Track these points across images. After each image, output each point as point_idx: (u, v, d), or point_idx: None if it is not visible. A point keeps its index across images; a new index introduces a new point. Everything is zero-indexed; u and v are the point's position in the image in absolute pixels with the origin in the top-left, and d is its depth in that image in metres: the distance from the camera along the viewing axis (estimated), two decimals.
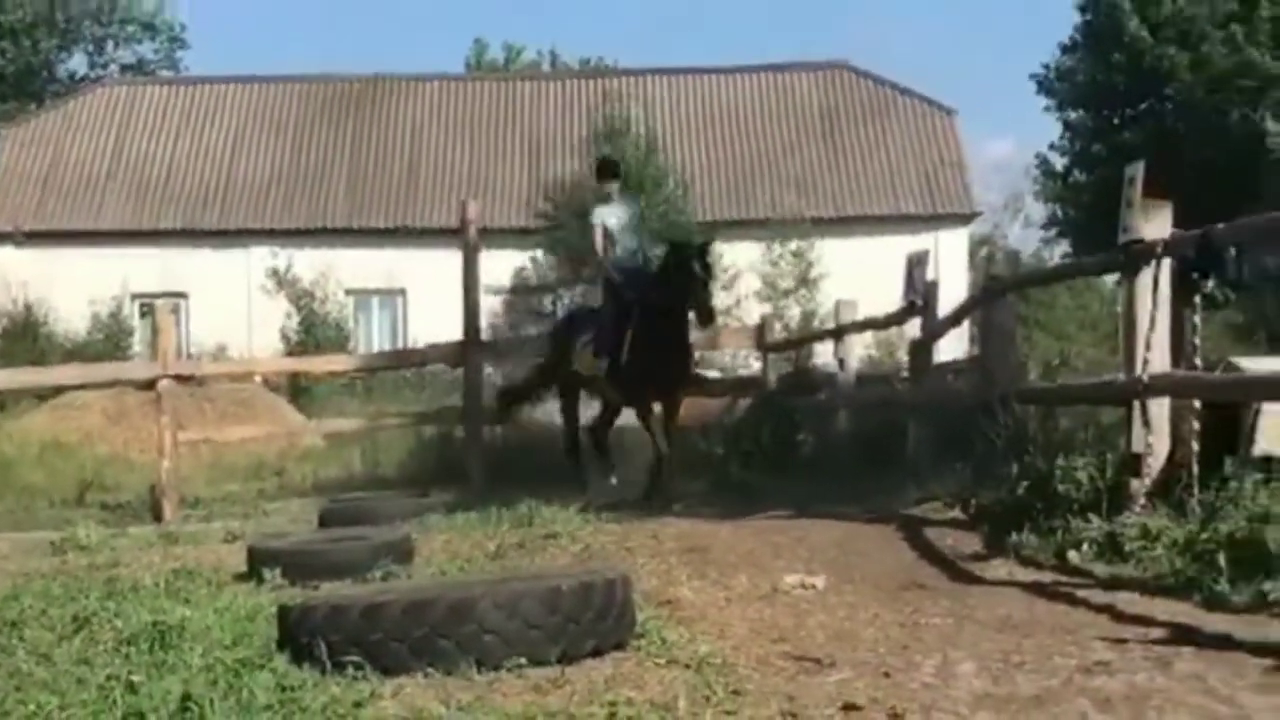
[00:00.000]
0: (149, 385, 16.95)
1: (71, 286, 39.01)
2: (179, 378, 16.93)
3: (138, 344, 39.50)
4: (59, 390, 23.75)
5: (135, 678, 5.55)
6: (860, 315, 17.52)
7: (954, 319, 15.74)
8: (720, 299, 35.76)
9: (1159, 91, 43.44)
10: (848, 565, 8.38)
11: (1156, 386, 9.38)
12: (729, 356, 24.48)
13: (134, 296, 40.81)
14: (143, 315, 40.10)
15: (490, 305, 19.17)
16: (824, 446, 16.14)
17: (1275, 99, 40.82)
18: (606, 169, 16.16)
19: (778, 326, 27.63)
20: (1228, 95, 41.63)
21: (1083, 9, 46.91)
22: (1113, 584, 7.91)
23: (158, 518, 15.24)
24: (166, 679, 5.48)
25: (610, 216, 15.22)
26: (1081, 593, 7.68)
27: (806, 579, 8.15)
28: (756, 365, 22.12)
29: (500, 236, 34.37)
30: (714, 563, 9.02)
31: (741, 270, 37.01)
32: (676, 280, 14.24)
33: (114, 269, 39.92)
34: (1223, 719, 4.98)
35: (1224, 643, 6.08)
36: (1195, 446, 9.05)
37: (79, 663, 5.99)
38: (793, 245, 39.53)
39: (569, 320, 16.99)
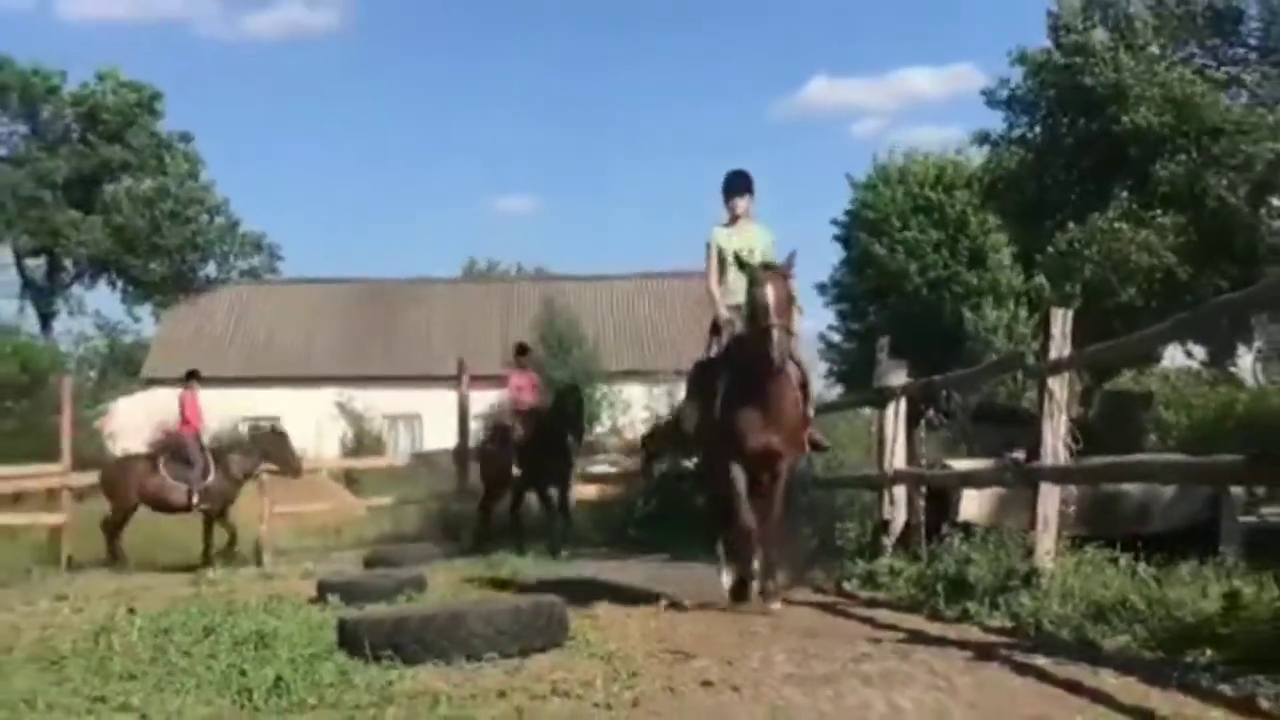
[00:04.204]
0: (255, 477, 16.74)
1: (205, 414, 38.60)
2: (274, 472, 16.74)
3: None
4: None
5: (245, 666, 5.57)
6: None
7: None
8: (620, 421, 35.88)
9: (899, 290, 44.07)
10: (705, 592, 8.35)
11: (897, 478, 9.52)
12: (625, 456, 24.35)
13: (244, 419, 40.50)
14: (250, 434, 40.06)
15: (474, 427, 19.18)
16: (688, 515, 16.09)
17: (972, 298, 41.49)
18: (733, 184, 8.45)
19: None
20: (941, 294, 42.38)
21: (844, 244, 47.55)
22: (872, 604, 7.97)
23: (259, 562, 14.96)
24: (265, 667, 5.47)
25: (726, 240, 8.31)
26: (852, 610, 7.73)
27: (678, 600, 8.13)
28: None
29: (481, 381, 34.28)
30: (618, 591, 9.00)
31: (633, 402, 36.95)
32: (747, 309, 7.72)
33: (232, 403, 39.32)
34: (941, 688, 5.05)
35: (942, 642, 6.15)
36: (922, 516, 9.16)
37: (209, 657, 5.91)
38: (665, 388, 39.49)
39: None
